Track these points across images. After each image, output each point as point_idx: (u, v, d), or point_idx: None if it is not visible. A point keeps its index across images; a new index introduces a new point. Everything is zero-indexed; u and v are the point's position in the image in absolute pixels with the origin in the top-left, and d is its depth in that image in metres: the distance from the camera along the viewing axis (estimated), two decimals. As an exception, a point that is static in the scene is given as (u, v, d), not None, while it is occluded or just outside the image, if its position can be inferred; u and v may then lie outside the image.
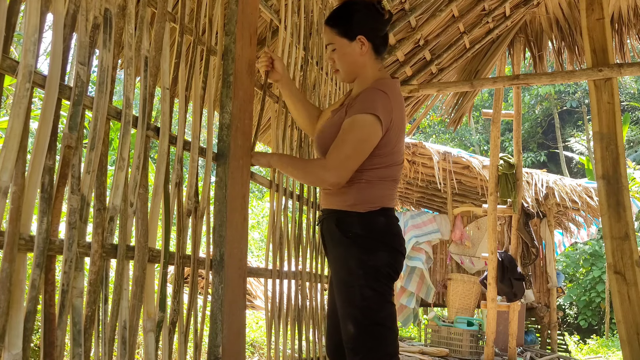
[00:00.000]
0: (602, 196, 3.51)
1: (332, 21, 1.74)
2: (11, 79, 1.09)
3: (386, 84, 1.70)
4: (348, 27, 1.71)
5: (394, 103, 1.66)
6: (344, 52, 1.73)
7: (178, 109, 1.56)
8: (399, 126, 1.69)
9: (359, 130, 1.60)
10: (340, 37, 1.72)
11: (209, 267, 1.64)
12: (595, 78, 3.64)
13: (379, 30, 1.76)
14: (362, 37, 1.71)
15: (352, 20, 1.72)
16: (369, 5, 1.74)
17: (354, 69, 1.75)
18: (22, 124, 1.02)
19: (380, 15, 1.74)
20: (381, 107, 1.61)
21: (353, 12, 1.72)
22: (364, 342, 1.61)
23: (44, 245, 1.05)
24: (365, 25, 1.72)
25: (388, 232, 1.69)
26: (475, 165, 6.97)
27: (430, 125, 19.35)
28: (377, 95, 1.64)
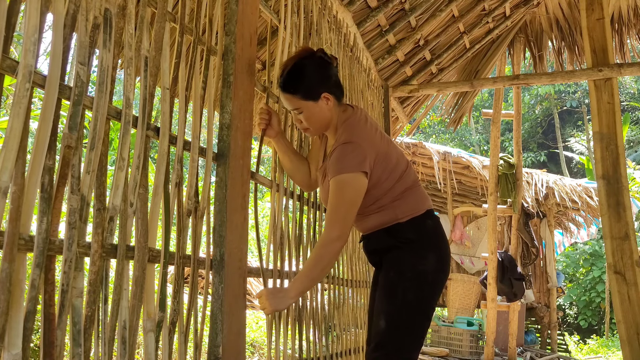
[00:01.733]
0: (602, 196, 3.51)
1: (291, 88, 1.76)
2: (11, 79, 1.09)
3: (351, 125, 1.77)
4: (310, 88, 1.75)
5: (364, 141, 1.73)
6: (311, 113, 1.78)
7: (178, 109, 1.56)
8: (381, 151, 1.77)
9: (344, 191, 1.69)
10: (304, 100, 1.76)
11: (209, 267, 1.64)
12: (595, 78, 3.64)
13: (334, 77, 1.82)
14: (325, 94, 1.76)
15: (309, 81, 1.75)
16: (316, 59, 1.78)
17: (325, 123, 1.81)
18: (22, 124, 1.02)
19: (329, 65, 1.80)
20: (356, 159, 1.69)
21: (307, 73, 1.75)
22: (390, 341, 1.68)
23: (44, 245, 1.05)
24: (324, 81, 1.77)
25: (436, 234, 1.81)
26: (475, 165, 6.97)
27: (430, 125, 19.35)
28: (348, 150, 1.70)
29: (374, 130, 1.81)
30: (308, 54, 1.80)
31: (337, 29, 3.06)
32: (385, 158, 1.77)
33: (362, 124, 1.80)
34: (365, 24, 3.52)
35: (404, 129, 6.53)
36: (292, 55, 1.81)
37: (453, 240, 7.86)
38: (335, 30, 3.00)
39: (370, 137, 1.77)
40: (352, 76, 3.31)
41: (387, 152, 1.79)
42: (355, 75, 3.40)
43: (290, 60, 1.79)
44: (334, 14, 3.01)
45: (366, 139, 1.75)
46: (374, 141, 1.77)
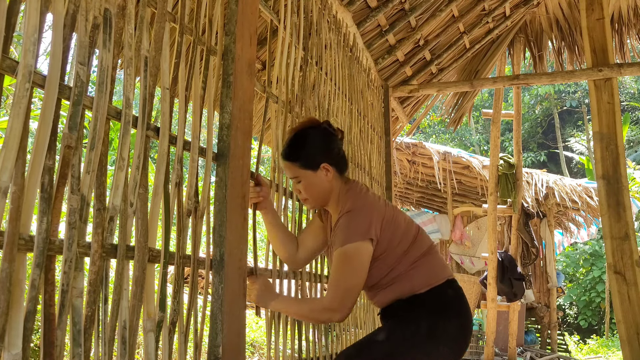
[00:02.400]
0: (602, 196, 3.51)
1: (291, 156, 1.76)
2: (11, 79, 1.09)
3: (353, 193, 1.73)
4: (310, 158, 1.74)
5: (368, 206, 1.69)
6: (310, 183, 1.76)
7: (178, 109, 1.56)
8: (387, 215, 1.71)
9: (350, 262, 1.62)
10: (303, 169, 1.75)
11: (209, 267, 1.64)
12: (595, 78, 3.64)
13: (338, 151, 1.80)
14: (325, 165, 1.74)
15: (309, 150, 1.74)
16: (320, 130, 1.77)
17: (324, 195, 1.78)
18: (22, 124, 1.02)
19: (333, 137, 1.78)
20: (361, 226, 1.64)
21: (308, 142, 1.74)
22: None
23: (44, 245, 1.05)
24: (326, 152, 1.76)
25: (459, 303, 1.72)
26: (475, 165, 6.97)
27: (430, 125, 19.35)
28: (352, 217, 1.66)
29: (377, 198, 1.77)
30: (312, 124, 1.79)
31: (337, 29, 3.06)
32: (393, 221, 1.71)
33: (364, 192, 1.76)
34: (365, 24, 3.52)
35: (404, 129, 6.53)
36: (297, 125, 1.80)
37: (453, 240, 7.86)
38: (335, 30, 3.00)
39: (374, 203, 1.73)
40: (352, 76, 3.31)
41: (394, 216, 1.73)
42: (355, 75, 3.40)
43: (293, 129, 1.79)
44: (333, 14, 3.01)
45: (370, 204, 1.71)
46: (378, 206, 1.72)
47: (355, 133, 3.28)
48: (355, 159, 3.22)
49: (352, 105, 3.25)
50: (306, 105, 2.46)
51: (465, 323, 1.71)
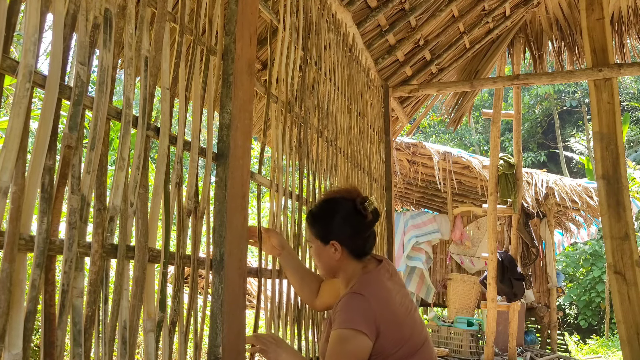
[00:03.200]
0: (602, 196, 3.51)
1: (311, 219, 1.71)
2: (11, 79, 1.09)
3: (369, 278, 1.62)
4: (324, 230, 1.67)
5: (376, 299, 1.55)
6: (317, 253, 1.70)
7: (178, 109, 1.56)
8: (394, 317, 1.57)
9: (344, 347, 1.50)
10: (315, 237, 1.70)
11: (209, 267, 1.64)
12: (595, 78, 3.65)
13: (358, 234, 1.67)
14: (335, 243, 1.64)
15: (328, 223, 1.66)
16: (350, 207, 1.66)
17: (331, 269, 1.70)
18: (22, 124, 1.02)
19: (361, 218, 1.66)
20: (361, 317, 1.51)
21: (332, 215, 1.67)
22: None
23: (44, 245, 1.05)
24: (342, 230, 1.65)
25: None
26: (475, 165, 6.97)
27: (430, 125, 19.36)
28: (355, 301, 1.54)
29: (394, 292, 1.62)
30: (348, 195, 1.69)
31: (336, 29, 3.06)
32: (397, 326, 1.57)
33: (383, 280, 1.63)
34: (365, 24, 3.52)
35: (404, 129, 6.53)
36: (336, 190, 1.74)
37: (453, 240, 7.86)
38: (334, 30, 3.00)
39: (386, 298, 1.58)
40: (351, 76, 3.31)
41: (402, 321, 1.58)
42: (355, 76, 3.40)
43: (330, 193, 1.73)
44: (332, 14, 3.01)
45: (380, 299, 1.57)
46: (389, 304, 1.58)
47: (355, 133, 3.28)
48: (354, 159, 3.22)
49: (352, 105, 3.25)
50: (306, 105, 2.46)
51: None
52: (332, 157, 2.78)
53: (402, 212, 8.12)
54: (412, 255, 7.53)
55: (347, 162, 3.06)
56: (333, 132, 2.83)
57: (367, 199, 1.68)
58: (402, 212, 8.27)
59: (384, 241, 3.92)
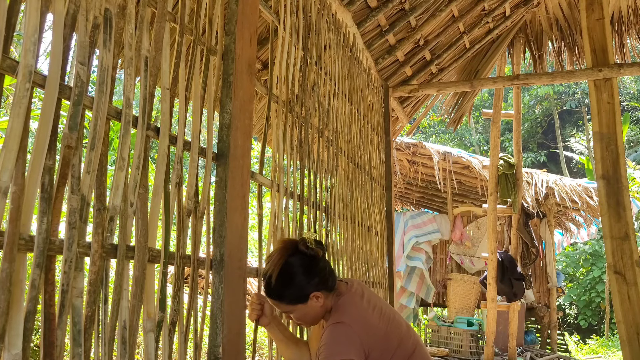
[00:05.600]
0: (602, 196, 3.51)
1: (276, 296, 1.66)
2: (11, 79, 1.09)
3: (344, 304, 1.65)
4: (297, 293, 1.63)
5: (357, 323, 1.59)
6: (303, 313, 1.67)
7: (178, 109, 1.56)
8: (379, 332, 1.60)
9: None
10: (293, 304, 1.65)
11: (209, 267, 1.64)
12: (595, 78, 3.64)
13: (322, 272, 1.67)
14: (314, 294, 1.64)
15: (295, 286, 1.63)
16: (300, 259, 1.64)
17: (318, 317, 1.69)
18: (22, 124, 1.02)
19: (314, 260, 1.66)
20: (347, 343, 1.54)
21: (291, 277, 1.63)
22: None
23: (44, 245, 1.05)
24: (310, 282, 1.64)
25: None
26: (475, 165, 6.97)
27: (430, 125, 19.36)
28: (338, 332, 1.56)
29: (371, 309, 1.65)
30: (288, 250, 1.65)
31: (336, 29, 3.06)
32: (384, 339, 1.60)
33: (358, 301, 1.66)
34: (365, 24, 3.52)
35: (404, 129, 6.53)
36: (274, 256, 1.66)
37: (453, 240, 7.86)
38: (334, 30, 3.00)
39: (365, 317, 1.62)
40: (351, 76, 3.31)
41: (387, 332, 1.62)
42: (355, 75, 3.40)
43: (273, 263, 1.64)
44: (332, 13, 3.01)
45: (360, 320, 1.60)
46: (370, 321, 1.61)
47: (355, 133, 3.28)
48: (355, 159, 3.22)
49: (352, 105, 3.25)
50: (306, 105, 2.46)
51: None
52: (332, 157, 2.78)
53: (402, 212, 8.12)
54: (412, 255, 7.53)
55: (348, 162, 3.06)
56: (333, 132, 2.83)
57: (303, 239, 1.67)
58: (402, 212, 8.27)
59: (384, 241, 3.92)
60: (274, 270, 1.62)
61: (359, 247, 3.11)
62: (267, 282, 1.64)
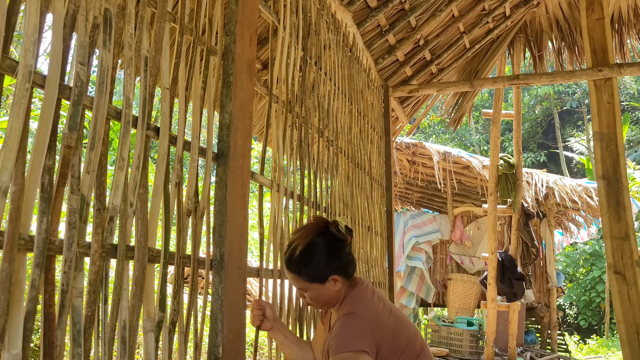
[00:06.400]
0: (602, 196, 3.51)
1: (296, 269, 1.64)
2: (11, 79, 1.09)
3: (355, 295, 1.65)
4: (316, 271, 1.62)
5: (368, 315, 1.59)
6: (317, 294, 1.65)
7: (178, 109, 1.56)
8: (388, 328, 1.60)
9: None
10: (310, 282, 1.64)
11: (209, 267, 1.64)
12: (595, 78, 3.64)
13: (345, 258, 1.67)
14: (334, 277, 1.63)
15: (317, 265, 1.62)
16: (328, 239, 1.64)
17: (331, 302, 1.68)
18: (22, 124, 1.02)
19: (341, 243, 1.66)
20: (359, 334, 1.54)
21: (316, 256, 1.62)
22: None
23: (44, 245, 1.05)
24: (332, 263, 1.63)
25: None
26: (475, 165, 6.97)
27: (430, 125, 19.36)
28: (350, 322, 1.56)
29: (381, 305, 1.66)
30: (318, 229, 1.65)
31: (336, 29, 3.06)
32: (393, 337, 1.60)
33: (369, 296, 1.67)
34: (365, 24, 3.51)
35: (404, 129, 6.53)
36: (304, 230, 1.66)
37: (453, 240, 7.86)
38: (334, 30, 3.00)
39: (376, 312, 1.62)
40: (351, 76, 3.31)
41: (396, 330, 1.62)
42: (355, 75, 3.40)
43: (301, 237, 1.64)
44: (332, 13, 3.01)
45: (371, 313, 1.61)
46: (381, 317, 1.62)
47: (355, 133, 3.28)
48: (355, 159, 3.22)
49: (352, 105, 3.25)
50: (306, 105, 2.46)
51: None
52: (332, 157, 2.78)
53: (402, 212, 8.12)
54: (412, 255, 7.53)
55: (348, 162, 3.06)
56: (333, 132, 2.83)
57: (335, 221, 1.66)
58: (402, 212, 8.27)
59: (384, 241, 3.92)
60: (299, 243, 1.63)
61: (359, 247, 3.11)
62: (290, 254, 1.64)
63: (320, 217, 1.77)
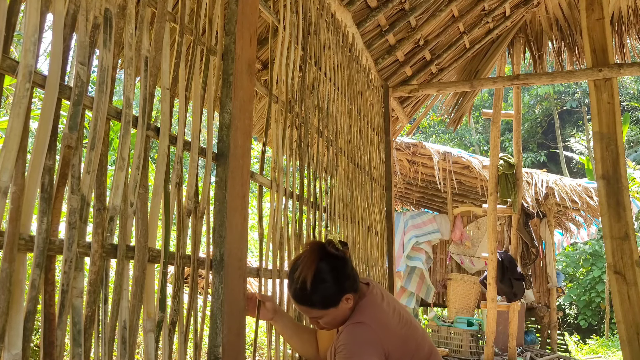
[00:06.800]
0: (602, 196, 3.51)
1: (309, 302, 1.61)
2: (11, 79, 1.09)
3: (365, 305, 1.64)
4: (328, 299, 1.60)
5: (378, 324, 1.58)
6: (332, 317, 1.63)
7: (178, 109, 1.56)
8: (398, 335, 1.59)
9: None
10: (325, 309, 1.61)
11: (209, 267, 1.64)
12: (595, 78, 3.64)
13: (351, 274, 1.65)
14: (346, 296, 1.61)
15: (328, 291, 1.59)
16: (330, 262, 1.61)
17: (345, 319, 1.65)
18: (22, 124, 1.02)
19: (344, 261, 1.64)
20: (368, 345, 1.52)
21: (324, 282, 1.59)
22: None
23: (44, 245, 1.05)
24: (341, 284, 1.61)
25: None
26: (475, 165, 6.97)
27: (430, 125, 19.36)
28: (358, 332, 1.55)
29: (391, 311, 1.64)
30: (320, 254, 1.61)
31: (336, 29, 3.06)
32: (402, 344, 1.59)
33: (379, 303, 1.65)
34: (365, 24, 3.52)
35: (404, 129, 6.53)
36: (305, 260, 1.62)
37: (453, 240, 7.86)
38: (334, 30, 3.00)
39: (385, 320, 1.61)
40: (351, 76, 3.31)
41: (406, 335, 1.61)
42: (355, 76, 3.40)
43: (304, 268, 1.59)
44: (332, 13, 3.01)
45: (380, 321, 1.59)
46: (390, 324, 1.60)
47: (355, 133, 3.28)
48: (355, 159, 3.22)
49: (352, 106, 3.25)
50: (306, 105, 2.46)
51: None
52: (332, 157, 2.78)
53: (402, 212, 8.12)
54: (412, 255, 7.53)
55: (348, 162, 3.06)
56: (333, 132, 2.83)
57: (330, 241, 1.64)
58: (402, 212, 8.27)
59: (384, 241, 3.92)
60: (305, 275, 1.58)
61: (359, 247, 3.11)
62: (300, 289, 1.59)
63: (315, 242, 1.74)
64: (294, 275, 1.62)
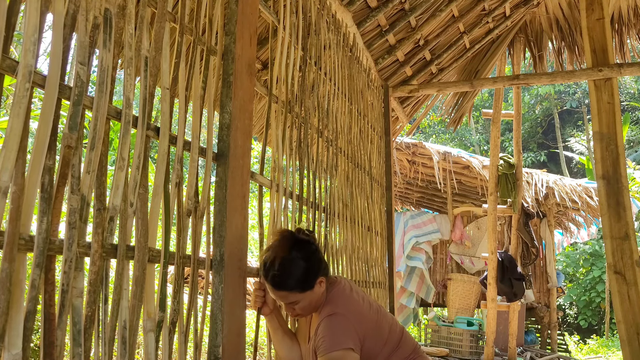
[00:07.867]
0: (602, 196, 3.51)
1: (287, 286, 1.67)
2: (11, 79, 1.09)
3: (335, 295, 1.72)
4: (305, 281, 1.67)
5: (350, 312, 1.66)
6: (308, 301, 1.71)
7: (178, 109, 1.56)
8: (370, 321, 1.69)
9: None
10: (301, 292, 1.68)
11: (209, 267, 1.64)
12: (595, 78, 3.64)
13: (322, 258, 1.76)
14: (320, 279, 1.71)
15: (304, 273, 1.67)
16: (303, 247, 1.70)
17: (318, 304, 1.74)
18: (22, 124, 1.02)
19: (313, 246, 1.73)
20: (344, 333, 1.61)
21: (300, 266, 1.67)
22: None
23: (44, 245, 1.05)
24: (315, 267, 1.70)
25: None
26: (475, 165, 6.97)
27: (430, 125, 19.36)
28: (334, 323, 1.63)
29: (361, 300, 1.74)
30: (292, 240, 1.70)
31: (336, 29, 3.06)
32: (376, 328, 1.70)
33: (348, 292, 1.74)
34: (365, 24, 3.52)
35: (404, 129, 6.53)
36: (277, 247, 1.70)
37: (453, 240, 7.86)
38: (334, 30, 3.00)
39: (357, 308, 1.70)
40: (351, 76, 3.31)
41: (377, 321, 1.72)
42: (355, 75, 3.40)
43: (278, 255, 1.67)
44: (332, 13, 3.01)
45: (352, 310, 1.68)
46: (362, 311, 1.70)
47: (355, 133, 3.28)
48: (355, 159, 3.22)
49: (352, 105, 3.25)
50: (305, 105, 2.46)
51: None
52: (332, 157, 2.78)
53: (402, 212, 8.12)
54: (412, 255, 7.53)
55: (347, 162, 3.06)
56: (333, 132, 2.83)
57: (299, 228, 1.75)
58: (402, 212, 8.27)
59: (384, 241, 3.92)
60: (281, 261, 1.67)
61: (358, 247, 3.11)
62: (279, 274, 1.67)
63: (285, 229, 1.83)
64: (271, 261, 1.69)
